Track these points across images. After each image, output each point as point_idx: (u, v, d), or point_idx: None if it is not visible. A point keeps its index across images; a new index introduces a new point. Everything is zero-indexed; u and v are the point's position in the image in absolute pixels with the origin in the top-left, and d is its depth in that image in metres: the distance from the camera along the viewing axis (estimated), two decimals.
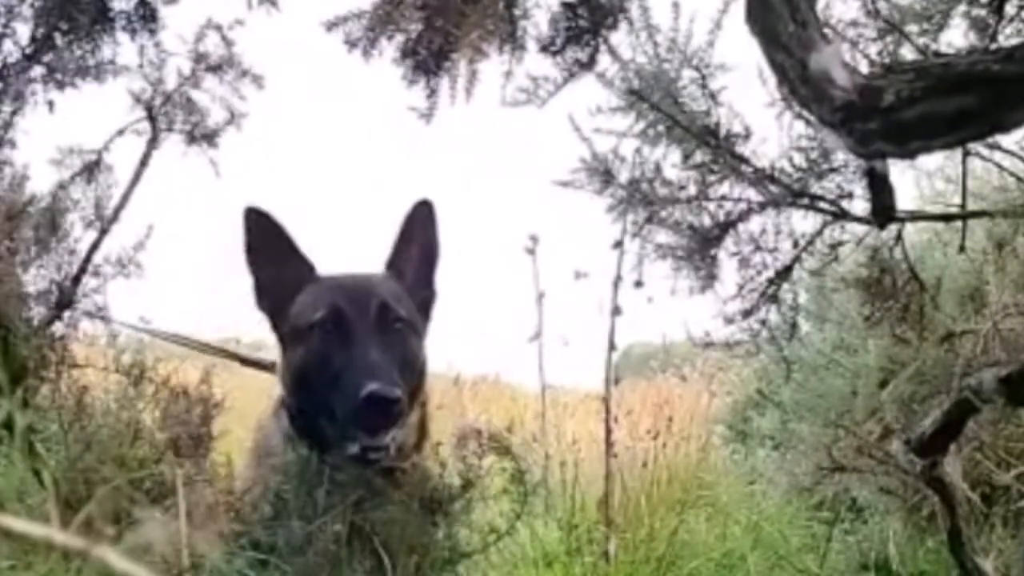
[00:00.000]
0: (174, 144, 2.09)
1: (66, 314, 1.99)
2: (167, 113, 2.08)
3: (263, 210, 1.82)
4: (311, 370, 1.72)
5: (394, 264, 1.86)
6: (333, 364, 1.67)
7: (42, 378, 1.81)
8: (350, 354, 1.67)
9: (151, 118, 2.07)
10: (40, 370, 1.80)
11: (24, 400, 1.56)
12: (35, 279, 1.96)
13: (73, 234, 2.01)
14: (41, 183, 2.08)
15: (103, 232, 2.01)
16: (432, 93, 1.66)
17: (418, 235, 1.85)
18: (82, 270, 1.98)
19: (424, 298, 1.86)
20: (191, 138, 2.08)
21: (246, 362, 2.42)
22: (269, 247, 1.82)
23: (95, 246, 2.01)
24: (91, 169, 2.06)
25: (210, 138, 2.09)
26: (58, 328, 1.96)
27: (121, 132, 2.09)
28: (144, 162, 2.07)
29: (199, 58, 2.05)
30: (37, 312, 1.92)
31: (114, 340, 1.89)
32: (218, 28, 2.03)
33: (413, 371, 1.75)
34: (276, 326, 1.84)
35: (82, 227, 2.02)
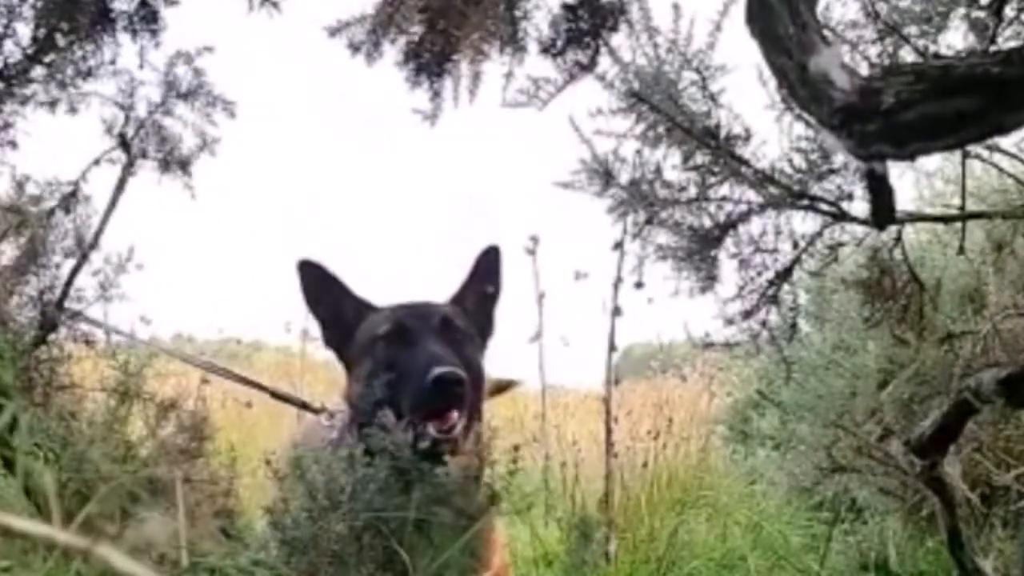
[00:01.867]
0: (150, 170, 2.11)
1: (61, 332, 2.00)
2: (140, 141, 2.09)
3: (314, 261, 1.98)
4: (379, 374, 1.82)
5: (459, 299, 2.02)
6: (399, 364, 1.79)
7: (31, 401, 1.81)
8: (415, 353, 1.79)
9: (125, 146, 2.08)
10: (27, 393, 1.81)
11: (12, 424, 1.56)
12: (18, 305, 1.97)
13: (55, 259, 2.02)
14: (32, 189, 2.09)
15: (83, 258, 2.03)
16: (435, 95, 1.67)
17: (483, 276, 2.02)
18: (64, 295, 1.99)
19: (483, 328, 2.02)
20: (165, 165, 2.10)
21: (277, 396, 2.45)
22: (324, 293, 1.99)
23: (76, 271, 2.02)
24: (68, 200, 2.08)
25: (184, 165, 2.11)
26: (44, 351, 1.97)
27: (97, 162, 2.10)
28: (120, 189, 2.09)
29: (169, 86, 2.07)
30: (24, 336, 1.92)
31: (112, 353, 1.90)
32: (188, 58, 2.05)
33: (473, 375, 1.84)
34: (342, 355, 1.98)
35: (63, 256, 2.04)
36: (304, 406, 2.36)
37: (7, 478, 1.60)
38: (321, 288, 1.98)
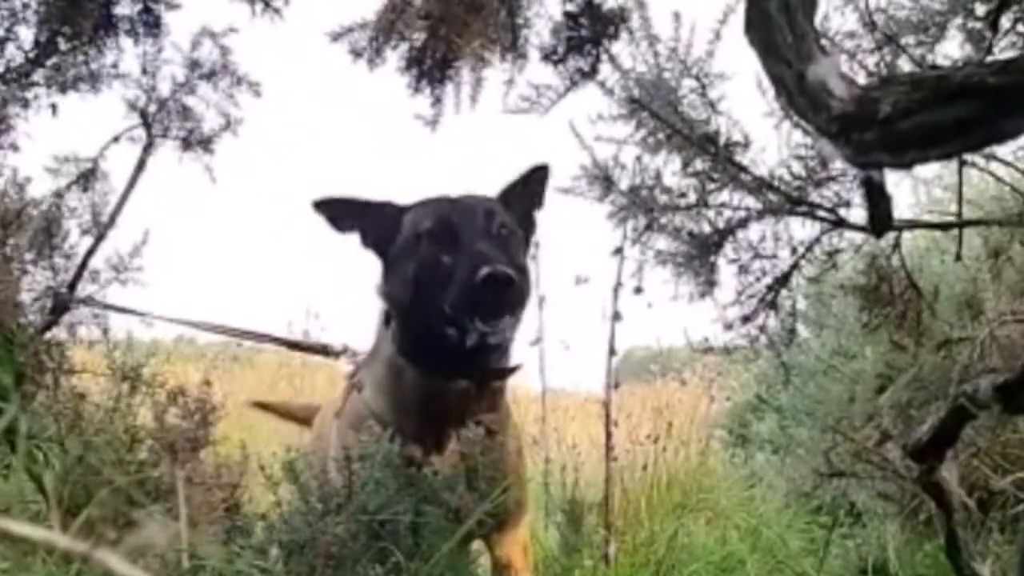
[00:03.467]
0: (170, 150, 2.11)
1: (66, 318, 2.00)
2: (162, 120, 2.09)
3: (325, 198, 1.89)
4: (424, 273, 1.76)
5: (502, 198, 1.93)
6: (445, 263, 1.72)
7: (39, 384, 1.82)
8: (460, 251, 1.71)
9: (146, 124, 2.08)
10: (37, 376, 1.82)
11: (22, 407, 1.57)
12: (32, 284, 1.97)
13: (69, 240, 2.02)
14: (37, 188, 2.10)
15: (100, 238, 2.03)
16: (437, 101, 1.68)
17: (531, 187, 1.92)
18: (78, 275, 1.99)
19: (525, 228, 1.93)
20: (186, 144, 2.09)
21: (293, 345, 2.46)
22: (348, 215, 1.89)
23: (92, 252, 2.02)
24: (87, 176, 2.07)
25: (205, 144, 2.10)
26: (56, 333, 1.97)
27: (116, 139, 2.10)
28: (140, 168, 2.09)
29: (193, 65, 2.07)
30: (34, 318, 1.93)
31: (112, 346, 1.91)
32: (213, 36, 2.05)
33: (521, 275, 1.77)
34: (384, 254, 1.89)
35: (79, 233, 2.04)
36: (324, 351, 2.34)
37: (8, 479, 1.61)
38: (344, 213, 1.90)
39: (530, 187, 1.93)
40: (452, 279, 1.69)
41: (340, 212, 1.89)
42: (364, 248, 1.92)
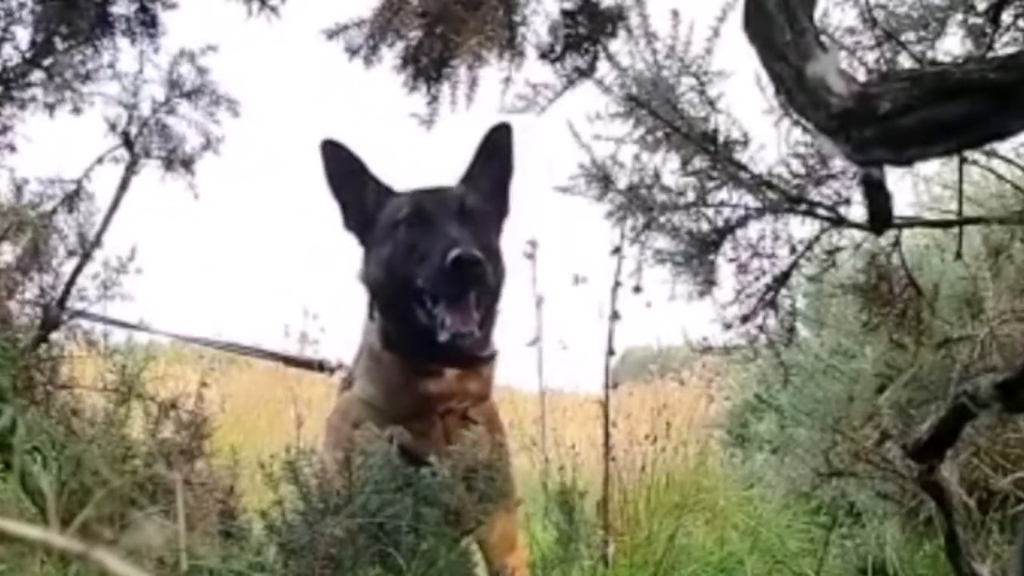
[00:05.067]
0: (153, 170, 2.12)
1: (63, 331, 2.00)
2: (144, 140, 2.10)
3: (337, 141, 1.99)
4: (398, 258, 1.88)
5: (470, 178, 2.03)
6: (419, 248, 1.84)
7: (31, 400, 1.82)
8: (434, 236, 1.83)
9: (128, 144, 2.08)
10: (28, 392, 1.81)
11: (13, 422, 1.57)
12: (20, 303, 1.97)
13: (56, 259, 2.03)
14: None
15: (86, 255, 2.03)
16: (433, 100, 1.67)
17: (496, 154, 2.02)
18: (66, 293, 1.99)
19: (499, 211, 2.04)
20: (168, 164, 2.10)
21: (291, 362, 2.51)
22: (347, 175, 2.00)
23: (79, 269, 2.02)
24: (72, 198, 2.08)
25: (187, 164, 2.11)
26: (47, 349, 1.97)
27: (100, 160, 2.10)
28: (123, 187, 2.09)
29: (173, 85, 2.08)
30: (23, 336, 1.92)
31: (110, 350, 1.91)
32: (191, 56, 2.06)
33: (492, 258, 1.89)
34: (364, 239, 2.01)
35: (65, 253, 2.04)
36: (320, 367, 2.40)
37: (6, 481, 1.60)
38: (344, 169, 1.99)
39: (494, 158, 2.02)
40: (424, 261, 1.80)
41: (341, 166, 1.98)
42: (345, 227, 2.01)
